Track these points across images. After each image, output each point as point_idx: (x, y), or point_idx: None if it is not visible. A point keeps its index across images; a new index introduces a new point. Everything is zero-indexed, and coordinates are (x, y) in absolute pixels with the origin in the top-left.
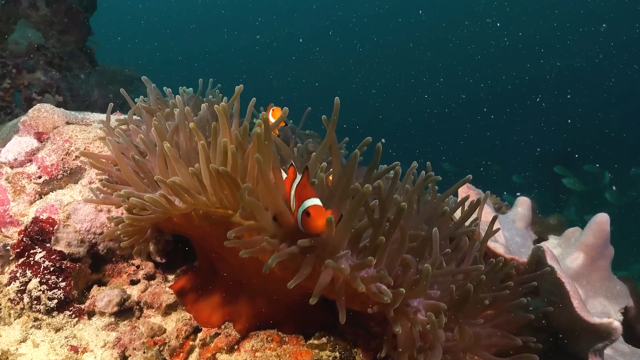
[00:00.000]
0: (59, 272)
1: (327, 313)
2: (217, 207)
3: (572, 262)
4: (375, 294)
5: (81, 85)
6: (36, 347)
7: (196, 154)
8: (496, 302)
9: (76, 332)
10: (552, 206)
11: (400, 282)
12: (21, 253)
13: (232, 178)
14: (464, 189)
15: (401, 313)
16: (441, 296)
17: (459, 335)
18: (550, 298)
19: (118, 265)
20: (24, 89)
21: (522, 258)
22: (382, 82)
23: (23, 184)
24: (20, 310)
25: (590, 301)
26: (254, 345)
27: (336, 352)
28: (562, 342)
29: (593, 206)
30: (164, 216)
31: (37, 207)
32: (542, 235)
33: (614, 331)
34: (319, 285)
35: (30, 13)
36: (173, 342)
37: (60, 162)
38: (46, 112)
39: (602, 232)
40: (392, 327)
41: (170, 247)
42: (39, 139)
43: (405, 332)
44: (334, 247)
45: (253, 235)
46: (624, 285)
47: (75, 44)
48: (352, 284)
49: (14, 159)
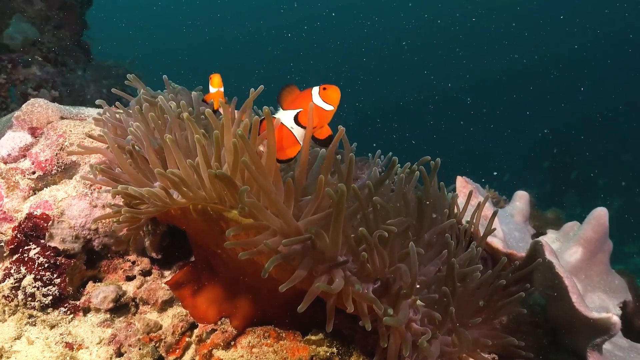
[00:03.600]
0: (54, 268)
1: (324, 309)
2: (216, 203)
3: (570, 256)
4: (364, 315)
5: (77, 80)
6: (31, 344)
7: (188, 148)
8: (492, 299)
9: (71, 328)
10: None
11: (391, 289)
12: (15, 249)
13: (230, 180)
14: (462, 182)
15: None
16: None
17: (458, 340)
18: (549, 293)
19: (113, 261)
20: (20, 84)
21: (520, 252)
22: (376, 75)
23: (17, 180)
24: (15, 307)
25: (589, 295)
26: (250, 341)
27: (333, 348)
28: (561, 337)
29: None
30: (162, 210)
31: (31, 203)
32: (541, 229)
33: (612, 326)
34: (310, 293)
35: (25, 8)
36: (169, 338)
37: (54, 157)
38: (40, 107)
39: (601, 227)
40: (380, 341)
41: (166, 243)
42: (33, 134)
43: (395, 344)
44: (331, 254)
45: (251, 235)
46: (623, 280)
47: (70, 39)
48: (345, 303)
49: (8, 154)
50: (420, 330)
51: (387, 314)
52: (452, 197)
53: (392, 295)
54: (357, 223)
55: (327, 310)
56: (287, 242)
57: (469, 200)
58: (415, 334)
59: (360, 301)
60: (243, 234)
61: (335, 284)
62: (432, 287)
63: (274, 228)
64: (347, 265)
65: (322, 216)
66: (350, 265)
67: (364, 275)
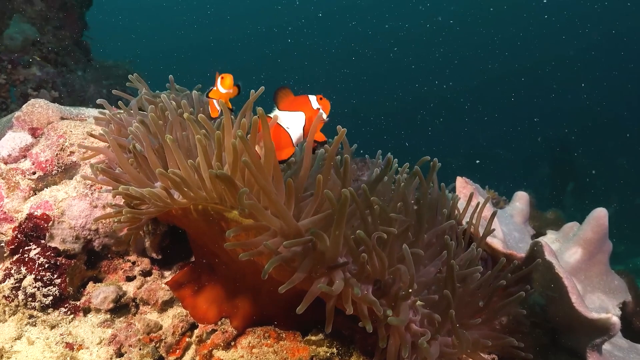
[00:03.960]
0: (54, 268)
1: (324, 309)
2: (217, 203)
3: (570, 257)
4: (365, 316)
5: (77, 80)
6: (31, 345)
7: (189, 148)
8: (492, 300)
9: (72, 329)
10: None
11: (390, 290)
12: (15, 250)
13: (230, 181)
14: (462, 182)
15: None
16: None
17: (458, 341)
18: (548, 293)
19: (114, 261)
20: (20, 85)
21: (520, 253)
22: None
23: (17, 180)
24: (15, 307)
25: (589, 296)
26: (250, 341)
27: (333, 348)
28: (560, 337)
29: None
30: (163, 210)
31: (32, 203)
32: (540, 230)
33: (612, 326)
34: (309, 294)
35: (25, 8)
36: (169, 338)
37: (54, 157)
38: (40, 107)
39: (601, 227)
40: (379, 341)
41: (166, 243)
42: (33, 134)
43: (395, 345)
44: (332, 256)
45: (251, 236)
46: (622, 280)
47: (70, 39)
48: (344, 305)
49: (8, 154)
50: (420, 331)
51: (387, 315)
52: (454, 197)
53: (391, 296)
54: (357, 224)
55: (327, 311)
56: (288, 244)
57: (470, 202)
58: (415, 334)
59: (360, 303)
60: (243, 234)
61: (335, 285)
62: (432, 288)
63: (274, 229)
64: (348, 267)
65: (322, 217)
66: (350, 267)
67: (364, 276)
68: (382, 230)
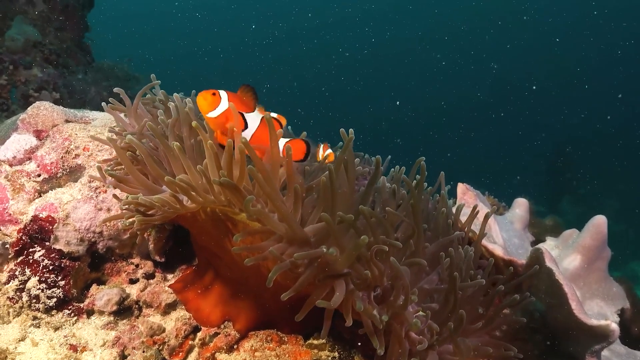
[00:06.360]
0: (58, 270)
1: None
2: (225, 205)
3: (569, 263)
4: (372, 333)
5: (78, 82)
6: (35, 346)
7: (196, 153)
8: (492, 306)
9: (75, 331)
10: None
11: (389, 296)
12: (20, 251)
13: (236, 188)
14: (463, 189)
15: (394, 333)
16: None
17: (457, 348)
18: (548, 299)
19: (117, 264)
20: (21, 86)
21: (520, 260)
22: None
23: (22, 182)
24: (19, 308)
25: (587, 303)
26: (253, 344)
27: (335, 352)
28: (560, 343)
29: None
30: (173, 215)
31: (37, 206)
32: (539, 236)
33: (611, 333)
34: (307, 304)
35: (27, 9)
36: (172, 341)
37: (59, 160)
38: (45, 110)
39: (600, 234)
40: (378, 350)
41: (169, 246)
42: (38, 137)
43: (395, 352)
44: (340, 268)
45: (257, 240)
46: (620, 287)
47: (72, 41)
48: (345, 317)
49: (13, 156)
50: (418, 339)
51: (383, 322)
52: (458, 206)
53: (390, 304)
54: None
55: (325, 317)
56: (299, 257)
57: (474, 211)
58: (413, 343)
59: (363, 316)
60: (249, 238)
61: (333, 299)
62: (434, 297)
63: (280, 234)
64: (351, 276)
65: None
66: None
67: (365, 285)
68: (383, 242)
